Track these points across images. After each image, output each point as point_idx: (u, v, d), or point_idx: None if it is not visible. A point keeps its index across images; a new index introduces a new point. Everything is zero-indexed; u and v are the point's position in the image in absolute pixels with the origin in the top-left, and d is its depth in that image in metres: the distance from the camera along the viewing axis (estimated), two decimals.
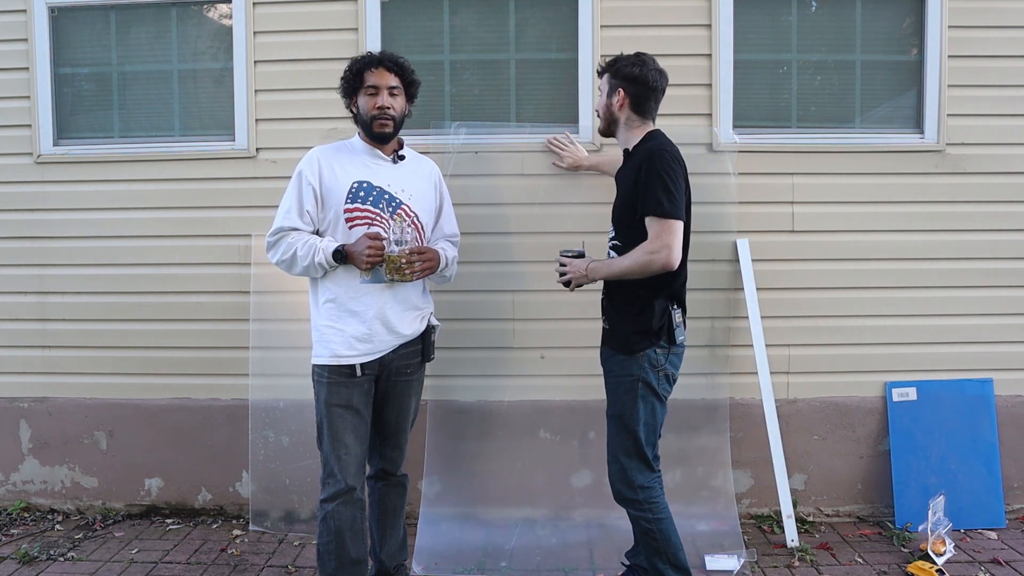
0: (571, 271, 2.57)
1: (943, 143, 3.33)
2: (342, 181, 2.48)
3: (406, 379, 2.59)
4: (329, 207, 2.48)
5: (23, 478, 3.58)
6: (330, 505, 2.43)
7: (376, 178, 2.52)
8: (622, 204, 2.51)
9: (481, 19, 3.42)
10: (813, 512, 3.43)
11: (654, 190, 2.33)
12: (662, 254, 2.32)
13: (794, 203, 3.34)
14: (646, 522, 2.48)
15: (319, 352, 2.49)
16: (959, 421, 3.34)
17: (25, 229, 3.50)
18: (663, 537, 2.47)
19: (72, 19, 3.48)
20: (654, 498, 2.49)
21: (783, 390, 3.38)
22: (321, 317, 2.49)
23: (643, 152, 2.43)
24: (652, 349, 2.44)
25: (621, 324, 2.50)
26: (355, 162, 2.53)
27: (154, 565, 3.05)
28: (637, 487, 2.48)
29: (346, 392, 2.45)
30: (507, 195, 3.35)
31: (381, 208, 2.49)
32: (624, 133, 2.55)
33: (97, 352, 3.51)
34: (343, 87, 2.57)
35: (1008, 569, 2.94)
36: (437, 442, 3.34)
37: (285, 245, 2.46)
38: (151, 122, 3.50)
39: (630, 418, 2.46)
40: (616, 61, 2.53)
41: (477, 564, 3.02)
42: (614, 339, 2.53)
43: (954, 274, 3.37)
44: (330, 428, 2.45)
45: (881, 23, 3.37)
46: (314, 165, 2.49)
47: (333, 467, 2.44)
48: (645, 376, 2.44)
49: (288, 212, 2.48)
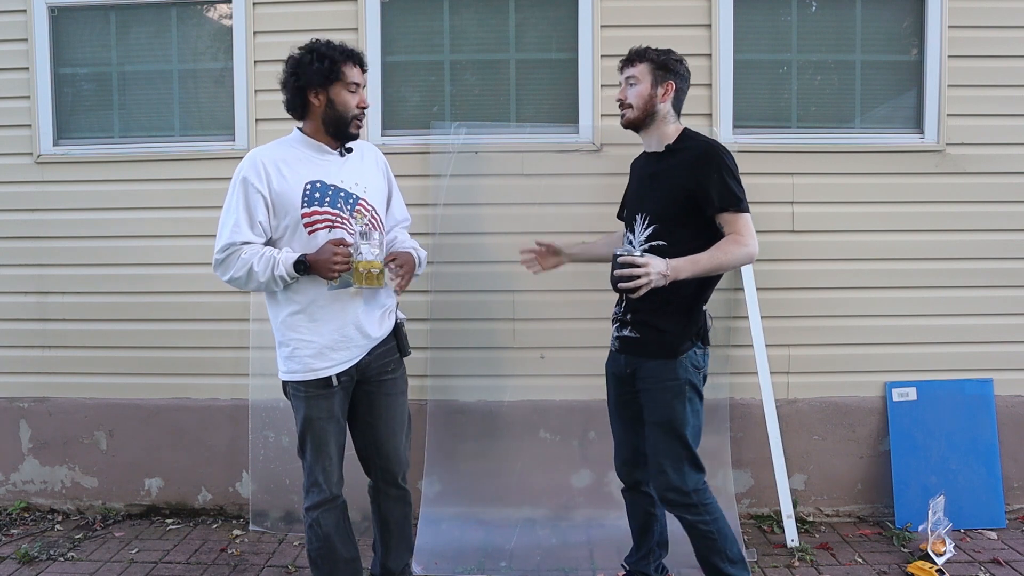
0: (650, 273, 2.20)
1: (943, 143, 3.33)
2: (293, 184, 2.28)
3: (390, 377, 2.50)
4: (283, 214, 2.28)
5: (23, 478, 3.58)
6: (315, 512, 2.40)
7: (328, 176, 2.33)
8: (669, 203, 2.37)
9: (481, 19, 3.42)
10: (813, 512, 3.43)
11: (728, 185, 2.28)
12: (753, 246, 2.30)
13: (794, 203, 3.34)
14: (703, 524, 2.38)
15: (291, 368, 2.34)
16: (959, 421, 3.34)
17: (25, 229, 3.50)
18: (721, 536, 2.40)
19: (72, 19, 3.48)
20: (707, 499, 2.40)
21: (783, 390, 3.38)
22: (288, 330, 2.33)
23: (696, 148, 2.36)
24: (693, 351, 2.37)
25: (660, 328, 2.38)
26: (302, 161, 2.33)
27: (154, 565, 3.05)
28: (690, 491, 2.37)
29: (326, 404, 2.37)
30: (507, 195, 3.35)
31: (340, 208, 2.32)
32: (658, 128, 2.43)
33: (97, 352, 3.51)
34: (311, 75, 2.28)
35: (1008, 569, 2.94)
36: (437, 442, 3.34)
37: (239, 262, 2.24)
38: (151, 122, 3.50)
39: (679, 423, 2.36)
40: (655, 52, 2.41)
41: (477, 564, 3.02)
42: (650, 346, 2.41)
43: (954, 274, 3.37)
44: (313, 440, 2.37)
45: (881, 23, 3.37)
46: (259, 169, 2.27)
47: (318, 477, 2.39)
48: (690, 378, 2.36)
49: (237, 225, 2.25)
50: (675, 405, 2.37)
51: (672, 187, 2.37)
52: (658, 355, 2.39)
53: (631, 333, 2.46)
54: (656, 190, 2.43)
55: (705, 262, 2.28)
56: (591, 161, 3.35)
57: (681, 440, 2.38)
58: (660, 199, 2.41)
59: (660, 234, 2.38)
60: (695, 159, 2.33)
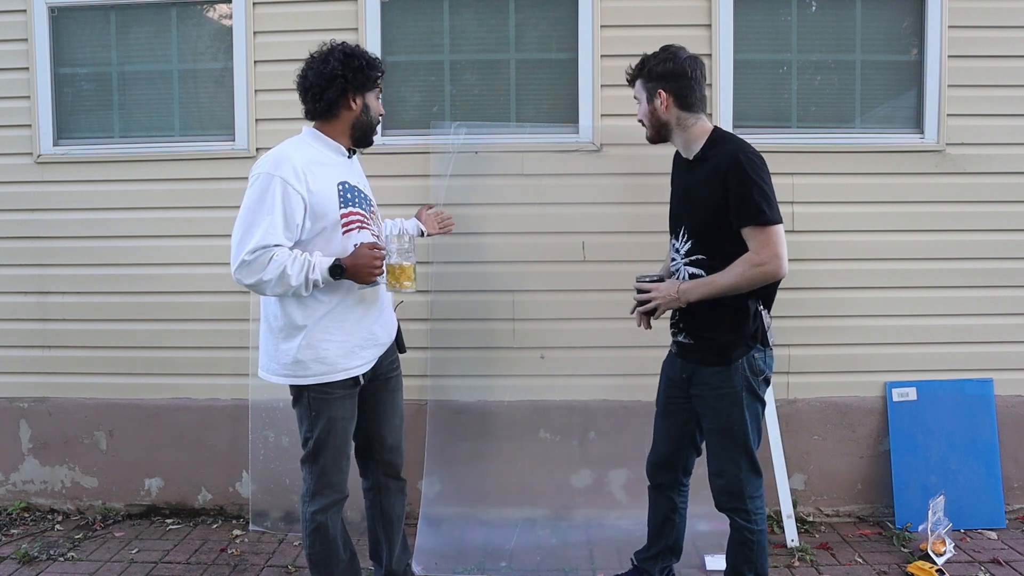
0: (659, 297, 2.33)
1: (943, 143, 3.33)
2: (327, 184, 2.25)
3: (396, 374, 2.54)
4: (321, 215, 2.23)
5: (23, 478, 3.58)
6: (324, 516, 2.36)
7: (349, 177, 2.35)
8: (702, 214, 2.31)
9: (481, 19, 3.42)
10: (813, 512, 3.43)
11: (752, 198, 2.18)
12: (772, 265, 2.19)
13: (794, 203, 3.34)
14: (749, 532, 2.36)
15: (320, 371, 2.28)
16: (959, 421, 3.34)
17: (25, 229, 3.50)
18: (759, 548, 2.38)
19: (72, 19, 3.48)
20: (760, 508, 2.38)
21: (783, 390, 3.38)
22: (320, 332, 2.27)
23: (724, 156, 2.25)
24: (751, 354, 2.30)
25: (712, 336, 2.33)
26: (327, 162, 2.31)
27: (154, 565, 3.05)
28: (747, 497, 2.35)
29: (350, 404, 2.37)
30: (507, 195, 3.35)
31: (363, 208, 2.34)
32: (681, 136, 2.37)
33: (97, 352, 3.51)
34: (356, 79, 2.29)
35: (1008, 569, 2.94)
36: (437, 442, 3.34)
37: (272, 264, 2.15)
38: (151, 122, 3.50)
39: (739, 430, 2.32)
40: (644, 64, 2.37)
41: (477, 564, 3.02)
42: (704, 352, 2.36)
43: (954, 274, 3.37)
44: (335, 442, 2.34)
45: (881, 23, 3.37)
46: (296, 170, 2.19)
47: (332, 478, 2.35)
48: (747, 384, 2.30)
49: (272, 226, 2.15)
50: (732, 412, 2.33)
51: (702, 202, 2.31)
52: (712, 363, 2.34)
53: (686, 339, 2.42)
54: (690, 203, 2.39)
55: (719, 283, 2.25)
56: (591, 161, 3.35)
57: (741, 446, 2.35)
58: (694, 213, 2.36)
59: (698, 248, 2.35)
60: (717, 172, 2.25)
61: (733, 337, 2.30)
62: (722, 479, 2.39)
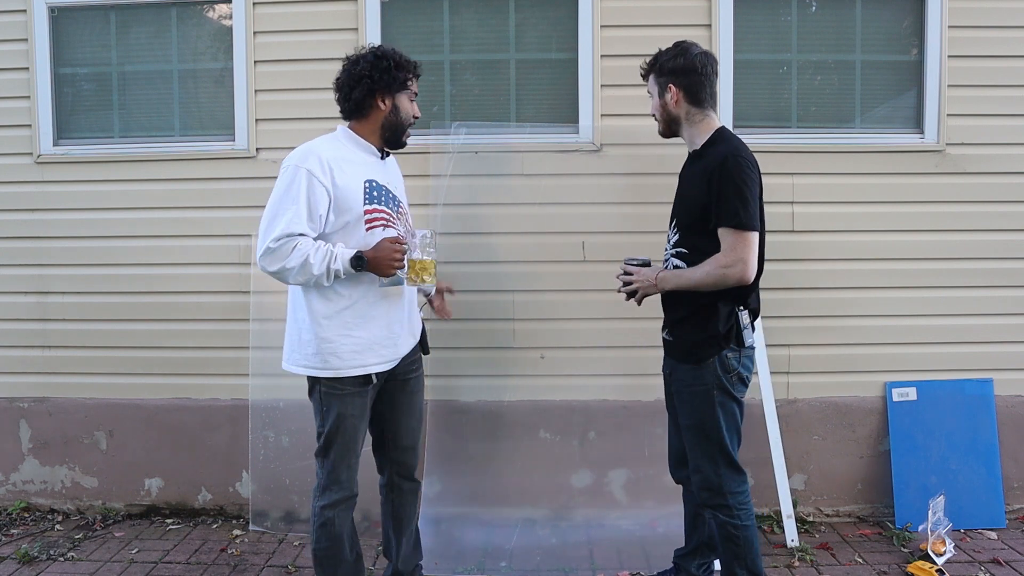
0: (639, 281, 2.43)
1: (943, 143, 3.33)
2: (353, 181, 2.30)
3: (416, 375, 2.55)
4: (345, 209, 2.28)
5: (23, 478, 3.58)
6: (332, 511, 2.38)
7: (378, 176, 2.39)
8: (689, 210, 2.37)
9: (481, 19, 3.42)
10: (813, 512, 3.43)
11: (730, 200, 2.21)
12: (736, 268, 2.22)
13: (794, 203, 3.34)
14: (733, 528, 2.38)
15: (333, 364, 2.31)
16: (959, 421, 3.34)
17: (25, 229, 3.50)
18: (747, 544, 2.39)
19: (72, 19, 3.48)
20: (743, 503, 2.39)
21: (783, 390, 3.38)
22: (337, 326, 2.31)
23: (715, 156, 2.28)
24: (723, 353, 2.32)
25: (685, 333, 2.39)
26: (356, 159, 2.36)
27: (154, 565, 3.05)
28: (728, 493, 2.38)
29: (361, 402, 2.38)
30: (507, 195, 3.35)
31: (390, 207, 2.39)
32: (688, 130, 2.41)
33: (97, 352, 3.51)
34: (385, 80, 2.33)
35: (1008, 569, 2.94)
36: (437, 442, 3.34)
37: (296, 252, 2.20)
38: (151, 122, 3.50)
39: (711, 428, 2.36)
40: (656, 59, 2.40)
41: (477, 564, 3.02)
42: (679, 349, 2.42)
43: (954, 274, 3.37)
44: (343, 438, 2.36)
45: (881, 23, 3.37)
46: (322, 164, 2.25)
47: (341, 475, 2.38)
48: (718, 382, 2.33)
49: (297, 216, 2.21)
50: (704, 410, 2.36)
51: (692, 198, 2.36)
52: (686, 360, 2.39)
53: (667, 336, 2.49)
54: (682, 197, 2.45)
55: (688, 278, 2.32)
56: (591, 161, 3.35)
57: (715, 444, 2.37)
58: (684, 207, 2.42)
59: (683, 241, 2.39)
60: (707, 169, 2.28)
61: (704, 336, 2.34)
62: (699, 475, 2.42)
